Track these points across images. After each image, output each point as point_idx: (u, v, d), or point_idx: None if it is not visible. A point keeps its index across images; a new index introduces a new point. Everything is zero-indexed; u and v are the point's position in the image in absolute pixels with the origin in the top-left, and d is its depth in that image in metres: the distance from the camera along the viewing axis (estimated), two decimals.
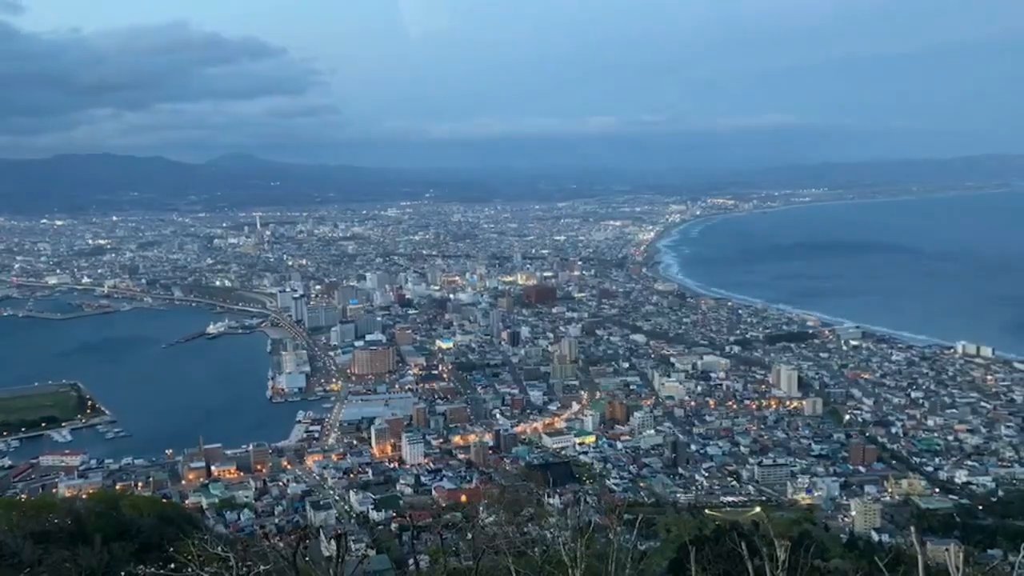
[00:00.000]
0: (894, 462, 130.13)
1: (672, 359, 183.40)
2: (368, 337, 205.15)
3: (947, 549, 12.88)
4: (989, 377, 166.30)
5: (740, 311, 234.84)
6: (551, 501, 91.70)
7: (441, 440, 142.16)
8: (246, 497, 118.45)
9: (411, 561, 58.61)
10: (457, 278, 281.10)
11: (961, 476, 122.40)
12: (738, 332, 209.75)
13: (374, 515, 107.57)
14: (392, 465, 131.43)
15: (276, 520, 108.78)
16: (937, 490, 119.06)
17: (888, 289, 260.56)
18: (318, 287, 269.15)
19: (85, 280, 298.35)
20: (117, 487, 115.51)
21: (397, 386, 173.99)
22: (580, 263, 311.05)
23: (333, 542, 15.32)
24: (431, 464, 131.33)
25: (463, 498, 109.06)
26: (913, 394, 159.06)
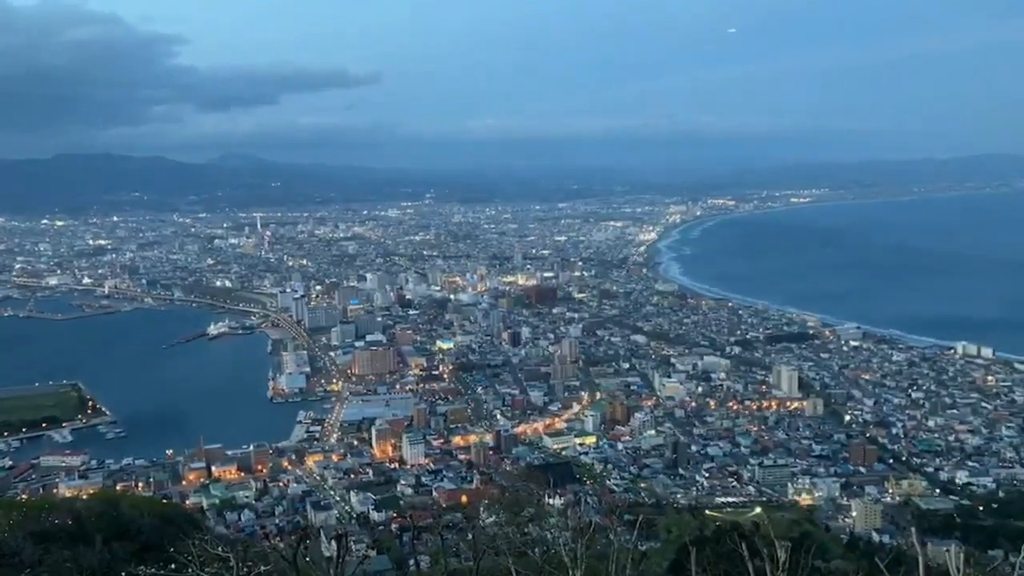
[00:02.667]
0: (894, 463, 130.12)
1: (673, 360, 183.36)
2: (369, 337, 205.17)
3: (947, 550, 12.84)
4: (990, 378, 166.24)
5: (740, 312, 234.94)
6: (551, 502, 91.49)
7: (442, 440, 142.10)
8: (246, 497, 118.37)
9: (412, 561, 58.64)
10: (458, 278, 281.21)
11: (962, 477, 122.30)
12: (739, 333, 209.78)
13: (375, 515, 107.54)
14: (393, 465, 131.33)
15: (277, 520, 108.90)
16: (938, 490, 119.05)
17: None
18: (319, 287, 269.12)
19: (85, 280, 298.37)
20: (118, 487, 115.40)
21: (398, 386, 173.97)
22: (581, 263, 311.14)
23: (334, 542, 15.32)
24: (432, 464, 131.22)
25: (464, 499, 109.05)
26: (914, 395, 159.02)
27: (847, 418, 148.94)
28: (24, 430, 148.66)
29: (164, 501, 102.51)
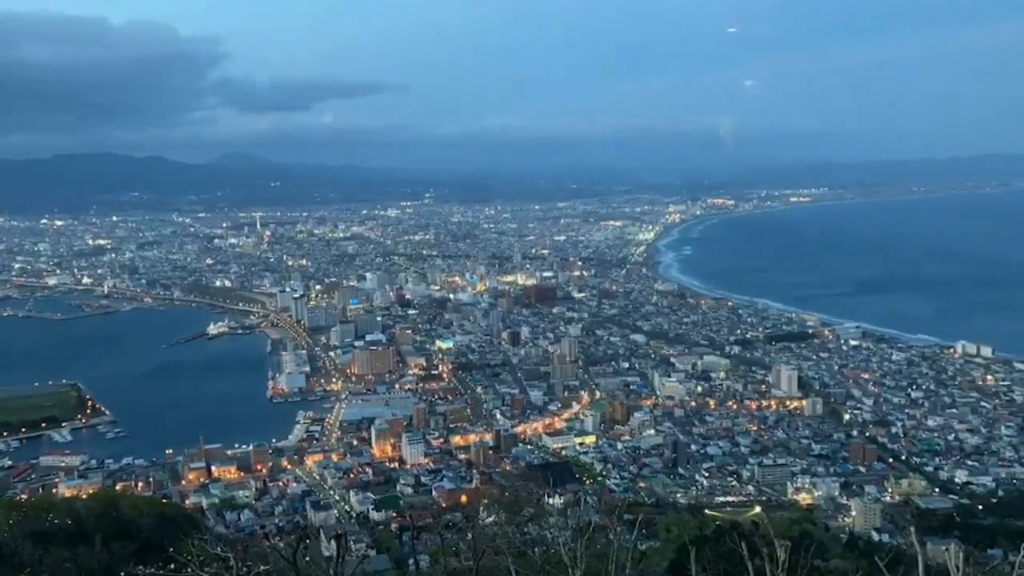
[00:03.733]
0: (894, 462, 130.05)
1: (672, 359, 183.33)
2: (368, 337, 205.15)
3: (947, 549, 12.85)
4: (989, 377, 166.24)
5: (740, 311, 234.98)
6: (551, 501, 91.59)
7: (441, 440, 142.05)
8: (246, 497, 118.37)
9: (411, 561, 58.66)
10: (457, 278, 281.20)
11: (961, 476, 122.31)
12: (738, 332, 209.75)
13: (374, 515, 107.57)
14: (392, 465, 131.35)
15: (276, 520, 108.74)
16: (937, 490, 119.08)
17: None
18: (318, 287, 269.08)
19: (85, 280, 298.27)
20: (117, 487, 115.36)
21: (397, 386, 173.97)
22: (580, 263, 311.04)
23: (333, 542, 15.35)
24: (431, 464, 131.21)
25: (463, 498, 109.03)
26: (913, 394, 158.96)
27: (846, 417, 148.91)
28: (24, 430, 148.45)
29: (164, 501, 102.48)
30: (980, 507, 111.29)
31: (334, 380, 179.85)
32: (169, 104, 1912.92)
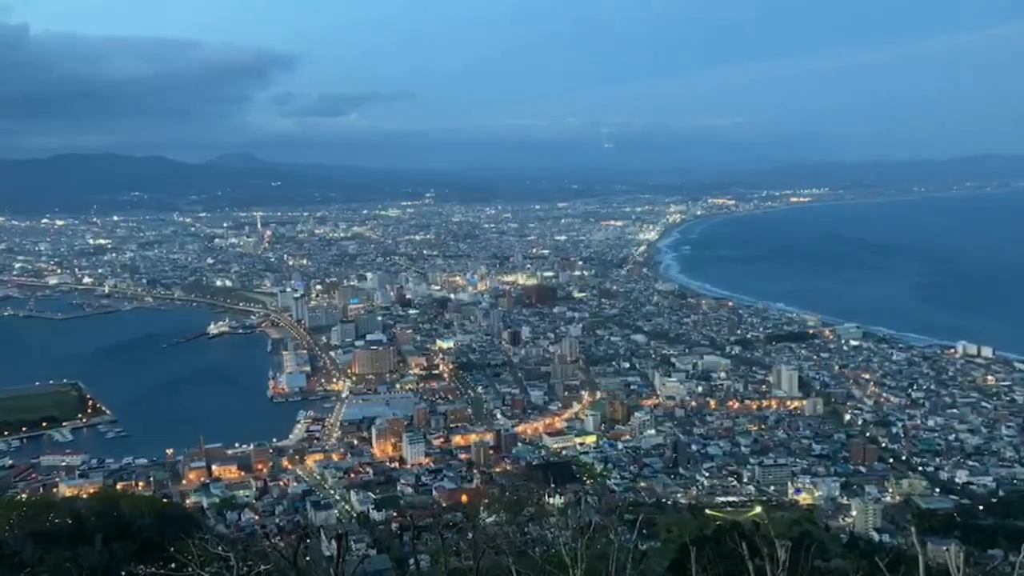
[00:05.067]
0: (894, 462, 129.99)
1: (673, 359, 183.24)
2: (369, 337, 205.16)
3: (947, 549, 12.84)
4: (990, 377, 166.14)
5: (741, 311, 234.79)
6: (552, 501, 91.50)
7: (442, 440, 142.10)
8: (247, 497, 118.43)
9: (411, 561, 58.67)
10: (458, 278, 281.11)
11: (962, 476, 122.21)
12: (739, 332, 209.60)
13: (375, 515, 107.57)
14: (393, 465, 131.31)
15: (277, 520, 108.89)
16: (937, 490, 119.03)
17: None
18: (319, 287, 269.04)
19: (86, 280, 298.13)
20: (118, 487, 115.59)
21: (398, 386, 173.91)
22: (581, 263, 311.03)
23: (334, 542, 15.34)
24: (432, 464, 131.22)
25: (464, 498, 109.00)
26: (914, 394, 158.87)
27: (847, 418, 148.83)
28: (24, 430, 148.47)
29: (164, 501, 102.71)
30: (980, 507, 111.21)
31: (335, 380, 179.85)
32: (224, 111, 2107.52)
